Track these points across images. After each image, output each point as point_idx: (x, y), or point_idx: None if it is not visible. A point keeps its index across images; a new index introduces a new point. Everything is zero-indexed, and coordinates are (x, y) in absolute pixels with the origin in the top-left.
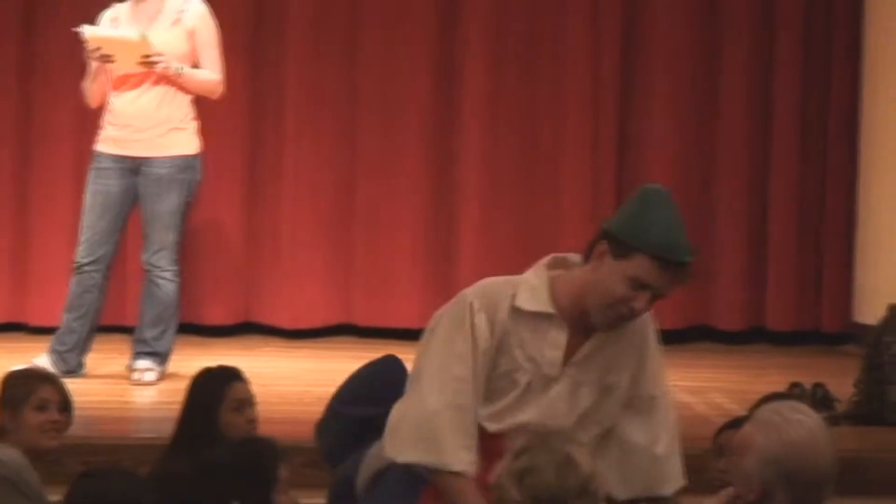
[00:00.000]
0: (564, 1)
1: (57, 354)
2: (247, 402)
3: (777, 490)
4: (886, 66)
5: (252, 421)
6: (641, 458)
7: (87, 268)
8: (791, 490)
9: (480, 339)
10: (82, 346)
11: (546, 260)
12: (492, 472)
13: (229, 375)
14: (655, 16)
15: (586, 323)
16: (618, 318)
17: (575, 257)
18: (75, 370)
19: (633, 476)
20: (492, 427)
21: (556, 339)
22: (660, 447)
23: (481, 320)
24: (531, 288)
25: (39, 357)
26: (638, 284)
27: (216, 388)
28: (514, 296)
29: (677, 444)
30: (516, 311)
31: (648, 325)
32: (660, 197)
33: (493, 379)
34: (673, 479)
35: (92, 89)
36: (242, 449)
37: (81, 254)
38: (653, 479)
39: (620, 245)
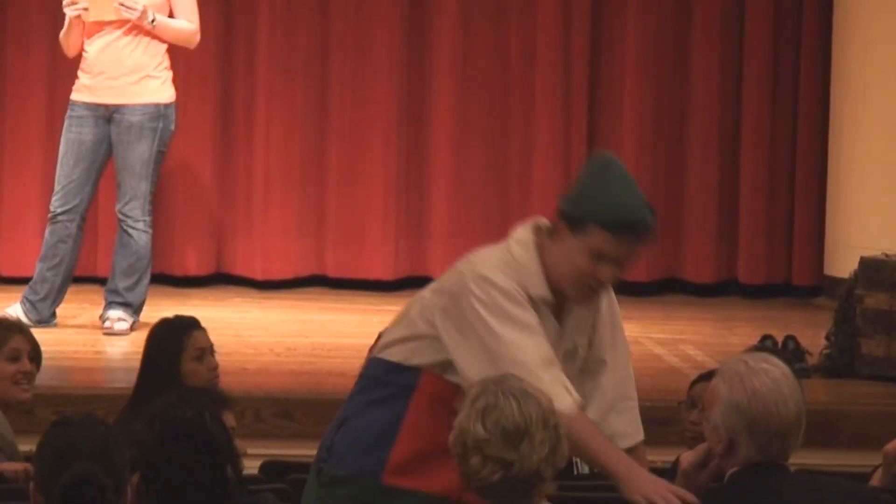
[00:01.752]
0: None
1: (29, 304)
2: (207, 350)
3: (741, 439)
4: (857, 17)
5: (214, 368)
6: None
7: (61, 217)
8: (755, 439)
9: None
10: (55, 297)
11: (531, 231)
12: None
13: (188, 325)
14: None
15: (561, 298)
16: (588, 290)
17: (545, 223)
18: (47, 320)
19: None
20: None
21: (550, 320)
22: (604, 406)
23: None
24: (531, 274)
25: (12, 306)
26: (598, 256)
27: (175, 338)
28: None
29: (630, 403)
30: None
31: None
32: (608, 164)
33: None
34: (623, 436)
35: (69, 40)
36: (181, 400)
37: (56, 203)
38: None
39: (574, 221)
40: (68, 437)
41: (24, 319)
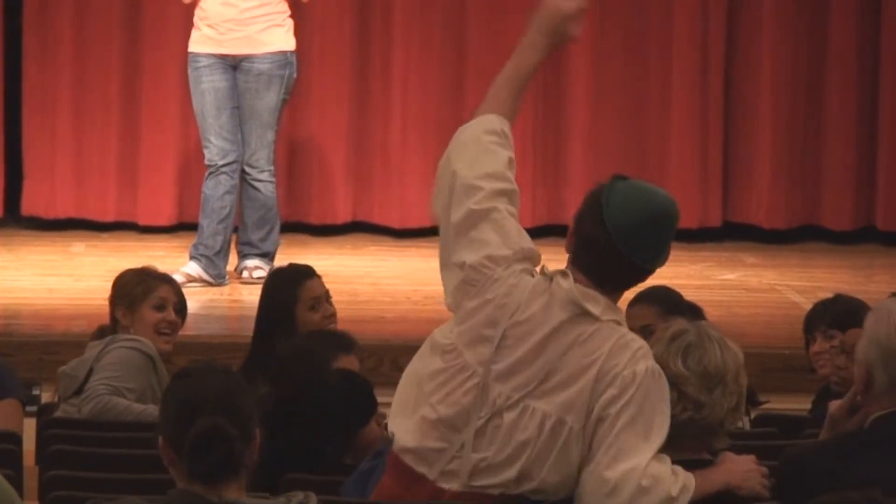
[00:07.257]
0: None
1: (207, 260)
2: (322, 297)
3: (876, 370)
4: None
5: (330, 316)
6: None
7: (224, 169)
8: (888, 371)
9: None
10: (229, 250)
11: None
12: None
13: (301, 273)
14: None
15: None
16: None
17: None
18: (224, 276)
19: None
20: None
21: None
22: None
23: None
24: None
25: (186, 265)
26: None
27: (289, 287)
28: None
29: None
30: None
31: None
32: None
33: None
34: None
35: None
36: (342, 385)
37: (216, 156)
38: None
39: None
40: (189, 390)
41: (204, 277)
